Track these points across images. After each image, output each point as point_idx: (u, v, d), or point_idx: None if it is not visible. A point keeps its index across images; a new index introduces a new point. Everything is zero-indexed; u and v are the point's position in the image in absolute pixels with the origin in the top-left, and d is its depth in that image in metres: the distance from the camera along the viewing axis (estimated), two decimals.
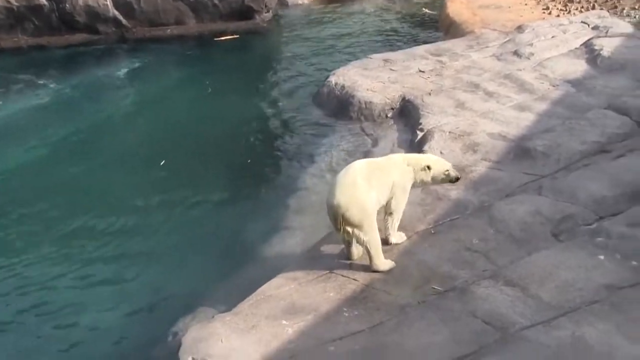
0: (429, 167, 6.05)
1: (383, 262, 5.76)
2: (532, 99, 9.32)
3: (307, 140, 9.90)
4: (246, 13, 16.21)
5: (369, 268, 5.80)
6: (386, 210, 6.00)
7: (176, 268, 7.41)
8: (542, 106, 9.04)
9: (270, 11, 16.70)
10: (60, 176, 9.61)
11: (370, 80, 10.46)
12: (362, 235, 5.62)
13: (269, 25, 16.42)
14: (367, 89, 10.16)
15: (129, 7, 15.76)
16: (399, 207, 6.02)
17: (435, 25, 15.16)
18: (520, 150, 7.79)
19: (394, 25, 15.76)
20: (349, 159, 8.87)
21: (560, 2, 14.00)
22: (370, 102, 9.88)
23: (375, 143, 9.10)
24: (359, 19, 16.57)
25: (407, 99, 9.73)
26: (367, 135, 9.43)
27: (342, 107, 10.17)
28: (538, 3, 14.33)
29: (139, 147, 10.58)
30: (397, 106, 9.79)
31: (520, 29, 12.13)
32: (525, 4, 14.35)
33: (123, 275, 7.35)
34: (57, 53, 15.29)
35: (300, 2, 18.50)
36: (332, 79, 10.72)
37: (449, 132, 8.38)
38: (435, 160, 6.21)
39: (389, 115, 9.74)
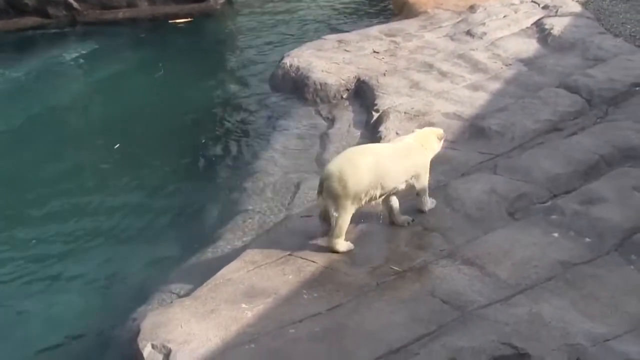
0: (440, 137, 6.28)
1: (342, 244, 5.73)
2: (485, 78, 9.36)
3: (262, 122, 9.80)
4: None
5: (327, 250, 5.77)
6: (414, 192, 6.09)
7: (132, 253, 7.28)
8: (495, 85, 9.08)
9: None
10: (10, 162, 9.36)
11: (325, 61, 10.38)
12: (333, 211, 5.61)
13: (223, 8, 16.17)
14: (322, 71, 10.08)
15: None
16: (425, 186, 6.13)
17: (388, 6, 15.09)
18: (475, 130, 7.83)
19: (347, 5, 15.66)
20: (304, 140, 8.83)
21: None
22: (325, 83, 9.81)
23: (331, 124, 9.05)
24: (313, 0, 16.44)
25: (362, 79, 9.68)
26: (322, 116, 9.38)
27: (297, 88, 10.08)
28: None
29: (92, 131, 10.37)
30: (352, 87, 9.74)
31: (472, 8, 12.14)
32: None
33: (77, 262, 7.18)
34: (6, 37, 14.83)
35: None
36: (287, 61, 10.61)
37: (404, 113, 8.37)
38: (438, 129, 6.43)
39: (344, 96, 9.69)
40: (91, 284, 6.83)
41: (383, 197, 5.87)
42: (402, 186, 5.93)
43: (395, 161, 5.82)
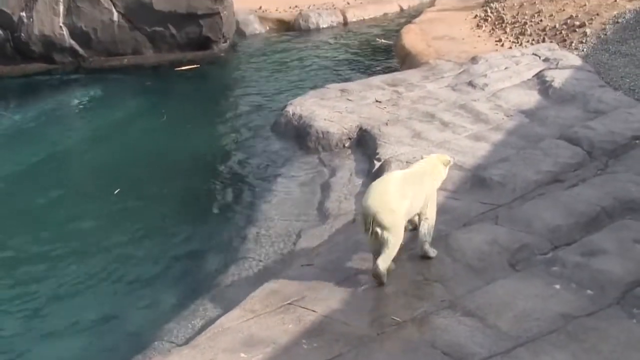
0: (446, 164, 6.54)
1: (387, 267, 5.87)
2: (487, 129, 9.41)
3: (264, 170, 9.83)
4: (204, 43, 16.15)
5: (327, 299, 5.75)
6: (421, 218, 6.23)
7: (131, 299, 7.24)
8: (496, 136, 9.12)
9: (228, 41, 16.67)
10: (11, 205, 9.40)
11: (328, 110, 10.46)
12: (389, 236, 5.75)
13: (227, 55, 16.39)
14: (325, 119, 10.15)
15: (86, 36, 15.58)
16: (434, 212, 6.29)
17: (391, 56, 15.28)
18: (476, 180, 7.84)
19: (350, 55, 15.84)
20: (306, 189, 8.85)
21: (512, 35, 14.22)
22: (328, 132, 9.86)
23: (332, 173, 9.08)
24: (316, 48, 16.63)
25: (364, 129, 9.74)
26: (324, 165, 9.41)
27: (299, 136, 10.14)
28: (491, 35, 14.54)
29: (94, 175, 10.42)
30: (355, 136, 9.79)
31: (474, 60, 12.27)
32: (479, 36, 14.56)
33: (75, 306, 7.14)
34: (12, 83, 15.02)
35: (257, 32, 18.51)
36: (290, 109, 10.69)
37: (406, 162, 8.38)
38: (444, 156, 6.72)
39: (346, 145, 9.74)
40: (88, 330, 6.78)
41: None
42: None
43: (414, 187, 6.09)
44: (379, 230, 5.75)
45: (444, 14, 17.03)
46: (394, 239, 5.81)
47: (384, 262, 5.81)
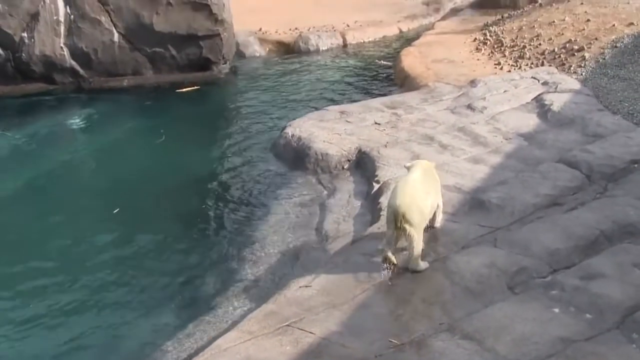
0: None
1: (422, 263, 6.43)
2: (485, 151, 9.43)
3: (263, 191, 9.83)
4: (204, 64, 16.21)
5: (325, 321, 5.74)
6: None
7: (129, 321, 7.22)
8: (495, 159, 9.15)
9: (228, 62, 16.74)
10: (11, 225, 9.38)
11: (327, 131, 10.48)
12: (414, 234, 6.29)
13: (227, 77, 16.44)
14: (324, 141, 10.18)
15: (86, 57, 15.64)
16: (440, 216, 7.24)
17: (391, 78, 15.34)
18: (475, 203, 7.85)
19: (349, 77, 15.89)
20: (305, 210, 8.85)
21: (511, 58, 14.29)
22: (327, 153, 9.88)
23: (331, 194, 9.09)
24: (315, 70, 16.69)
25: (363, 151, 9.76)
26: (323, 186, 9.42)
27: (298, 158, 10.16)
28: (490, 58, 14.61)
29: (92, 195, 10.39)
30: (354, 158, 9.81)
31: (473, 83, 12.33)
32: (478, 59, 14.63)
33: (73, 328, 7.12)
34: (12, 102, 15.04)
35: (257, 54, 18.59)
36: (289, 130, 10.72)
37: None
38: (430, 162, 7.43)
39: (345, 166, 9.75)
40: (85, 351, 6.77)
41: None
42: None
43: (432, 186, 6.96)
44: (407, 227, 6.26)
45: (443, 37, 17.13)
46: (418, 236, 6.35)
47: (414, 262, 6.41)
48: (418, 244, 6.36)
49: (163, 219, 9.40)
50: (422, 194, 6.56)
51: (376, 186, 8.69)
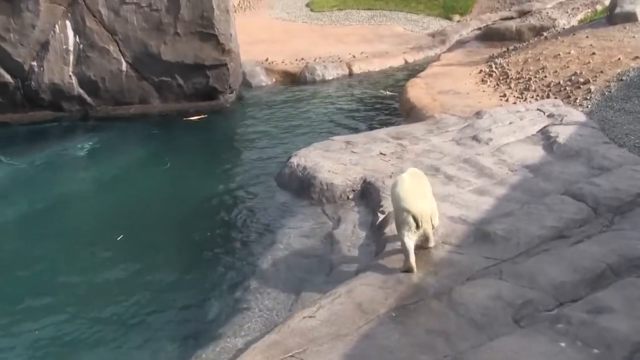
0: None
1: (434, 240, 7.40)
2: (491, 183, 9.39)
3: (268, 220, 9.80)
4: (210, 94, 16.30)
5: (329, 353, 5.70)
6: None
7: (132, 349, 7.19)
8: (501, 191, 9.10)
9: (234, 92, 16.83)
10: (14, 252, 9.39)
11: (332, 162, 10.47)
12: (429, 229, 7.20)
13: (233, 106, 16.52)
14: (329, 171, 10.16)
15: (94, 85, 15.75)
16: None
17: (396, 109, 15.37)
18: (480, 234, 7.79)
19: (355, 107, 15.94)
20: (309, 240, 8.81)
21: (516, 90, 14.31)
22: (332, 183, 9.86)
23: (336, 225, 9.04)
24: (321, 100, 16.75)
25: (368, 181, 9.73)
26: (328, 216, 9.38)
27: (303, 188, 10.13)
28: (495, 90, 14.64)
29: (96, 222, 10.46)
30: (359, 188, 9.78)
31: (478, 114, 12.32)
32: (483, 91, 14.66)
33: (75, 354, 7.11)
34: (20, 130, 15.15)
35: (263, 83, 18.69)
36: (294, 160, 10.71)
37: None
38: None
39: (350, 197, 9.72)
40: None
41: None
42: None
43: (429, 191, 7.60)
44: (426, 226, 7.11)
45: (448, 69, 17.19)
46: (431, 229, 7.29)
47: (432, 241, 7.38)
48: (432, 237, 7.34)
49: (166, 247, 9.39)
50: (430, 195, 7.43)
51: (381, 216, 8.65)
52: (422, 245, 7.30)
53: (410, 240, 6.99)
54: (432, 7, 26.83)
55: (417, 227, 6.99)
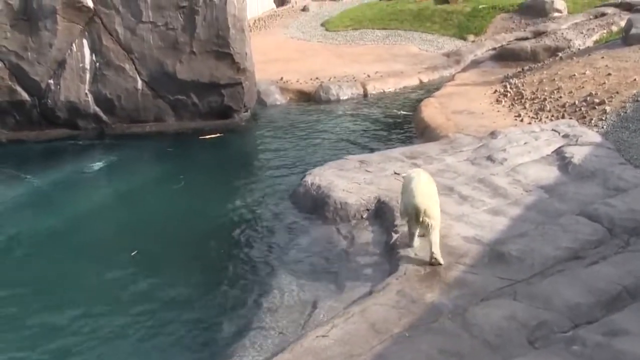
0: None
1: (440, 254, 7.65)
2: (505, 203, 9.37)
3: (281, 239, 9.80)
4: (225, 112, 16.38)
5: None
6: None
7: None
8: (515, 211, 9.08)
9: (249, 110, 16.91)
10: (31, 269, 9.43)
11: (346, 181, 10.49)
12: (434, 223, 7.69)
13: (248, 124, 16.59)
14: (343, 190, 10.17)
15: (110, 103, 15.87)
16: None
17: (411, 128, 15.38)
18: (494, 254, 7.77)
19: (369, 126, 15.96)
20: (323, 259, 8.80)
21: (531, 110, 14.30)
22: (346, 202, 9.87)
23: (350, 244, 9.04)
24: (336, 119, 16.79)
25: (382, 200, 9.74)
26: (342, 235, 9.37)
27: (317, 206, 10.15)
28: (510, 110, 14.63)
29: (111, 238, 10.51)
30: (373, 207, 9.78)
31: (493, 134, 12.32)
32: (498, 111, 14.65)
33: None
34: (36, 147, 15.27)
35: (278, 102, 18.76)
36: (309, 179, 10.74)
37: (423, 235, 8.35)
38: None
39: (364, 216, 9.72)
40: None
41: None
42: None
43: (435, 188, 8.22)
44: (428, 220, 7.66)
45: (463, 89, 17.21)
46: (436, 224, 7.73)
47: (436, 247, 7.67)
48: (437, 235, 7.73)
49: (180, 265, 9.40)
50: (434, 191, 8.04)
51: (395, 236, 8.64)
52: (425, 235, 7.98)
53: (414, 228, 8.02)
54: (447, 27, 26.90)
55: (419, 221, 7.76)
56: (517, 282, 7.14)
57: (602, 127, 12.49)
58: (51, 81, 15.64)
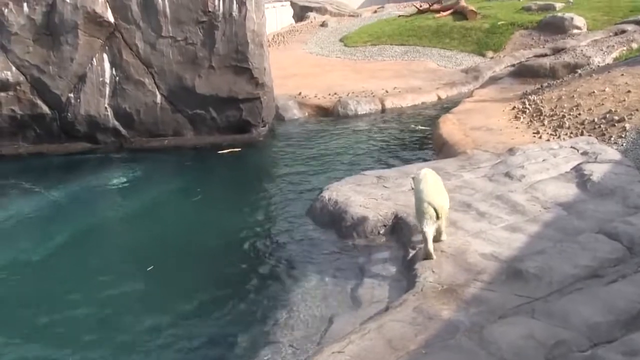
0: None
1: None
2: (523, 220, 9.32)
3: (298, 254, 9.79)
4: (243, 127, 16.45)
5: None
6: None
7: None
8: (533, 228, 9.02)
9: (267, 125, 16.97)
10: (47, 282, 9.49)
11: (364, 196, 10.48)
12: (444, 219, 8.48)
13: (266, 139, 16.65)
14: (360, 205, 10.16)
15: (129, 117, 15.99)
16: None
17: (428, 145, 15.37)
18: (512, 272, 7.72)
19: (387, 142, 15.95)
20: (339, 274, 8.79)
21: (550, 127, 14.23)
22: (363, 218, 9.85)
23: (367, 260, 9.02)
24: (353, 135, 16.81)
25: (399, 216, 9.72)
26: (359, 251, 9.36)
27: (334, 222, 10.14)
28: (528, 127, 14.57)
29: (127, 253, 10.54)
30: (390, 223, 9.76)
31: (511, 151, 12.27)
32: (516, 127, 14.60)
33: None
34: (56, 161, 15.41)
35: (296, 117, 18.83)
36: (326, 194, 10.74)
37: (441, 251, 8.33)
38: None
39: (381, 232, 9.70)
40: None
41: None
42: None
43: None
44: (443, 217, 8.33)
45: (481, 105, 17.18)
46: (444, 224, 8.55)
47: (445, 235, 8.65)
48: (445, 232, 8.62)
49: (196, 279, 9.41)
50: (445, 193, 8.68)
51: (412, 252, 8.62)
52: (435, 239, 8.39)
53: (430, 229, 8.18)
54: (465, 43, 26.92)
55: (437, 217, 8.19)
56: (535, 300, 7.08)
57: (622, 145, 12.41)
58: (71, 95, 15.81)
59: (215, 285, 9.22)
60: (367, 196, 10.50)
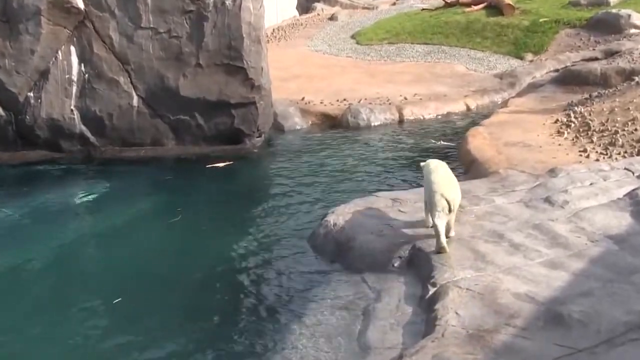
0: None
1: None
2: (566, 255, 9.27)
3: (296, 287, 9.77)
4: (235, 136, 16.45)
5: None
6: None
7: None
8: (578, 264, 8.97)
9: (263, 135, 16.96)
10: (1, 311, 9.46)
11: (375, 221, 10.46)
12: (454, 215, 9.33)
13: (261, 152, 16.65)
14: (371, 233, 10.14)
15: (99, 122, 15.99)
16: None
17: (454, 162, 15.35)
18: (551, 316, 7.66)
19: (404, 158, 15.95)
20: (345, 314, 8.74)
21: (599, 145, 14.21)
22: (374, 248, 9.83)
23: (378, 297, 8.97)
24: (365, 149, 16.81)
25: (417, 247, 9.68)
26: (368, 287, 9.31)
27: (340, 251, 10.12)
28: (574, 144, 14.56)
29: (91, 281, 10.53)
30: (406, 255, 9.72)
31: (552, 172, 12.25)
32: (559, 144, 14.58)
33: None
34: (10, 171, 15.40)
35: (298, 127, 18.84)
36: (330, 219, 10.72)
37: (467, 289, 8.27)
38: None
39: (395, 264, 9.66)
40: None
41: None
42: None
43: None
44: (455, 210, 9.27)
45: (518, 117, 17.20)
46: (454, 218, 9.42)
47: (454, 231, 9.54)
48: (453, 228, 9.53)
49: (170, 316, 9.36)
50: (457, 184, 9.57)
51: (432, 290, 8.56)
52: (445, 235, 9.15)
53: (442, 222, 9.02)
54: (500, 43, 27.01)
55: (450, 210, 9.08)
56: (579, 352, 7.02)
57: None
58: (31, 94, 15.82)
59: (197, 324, 9.18)
60: (379, 221, 10.47)
